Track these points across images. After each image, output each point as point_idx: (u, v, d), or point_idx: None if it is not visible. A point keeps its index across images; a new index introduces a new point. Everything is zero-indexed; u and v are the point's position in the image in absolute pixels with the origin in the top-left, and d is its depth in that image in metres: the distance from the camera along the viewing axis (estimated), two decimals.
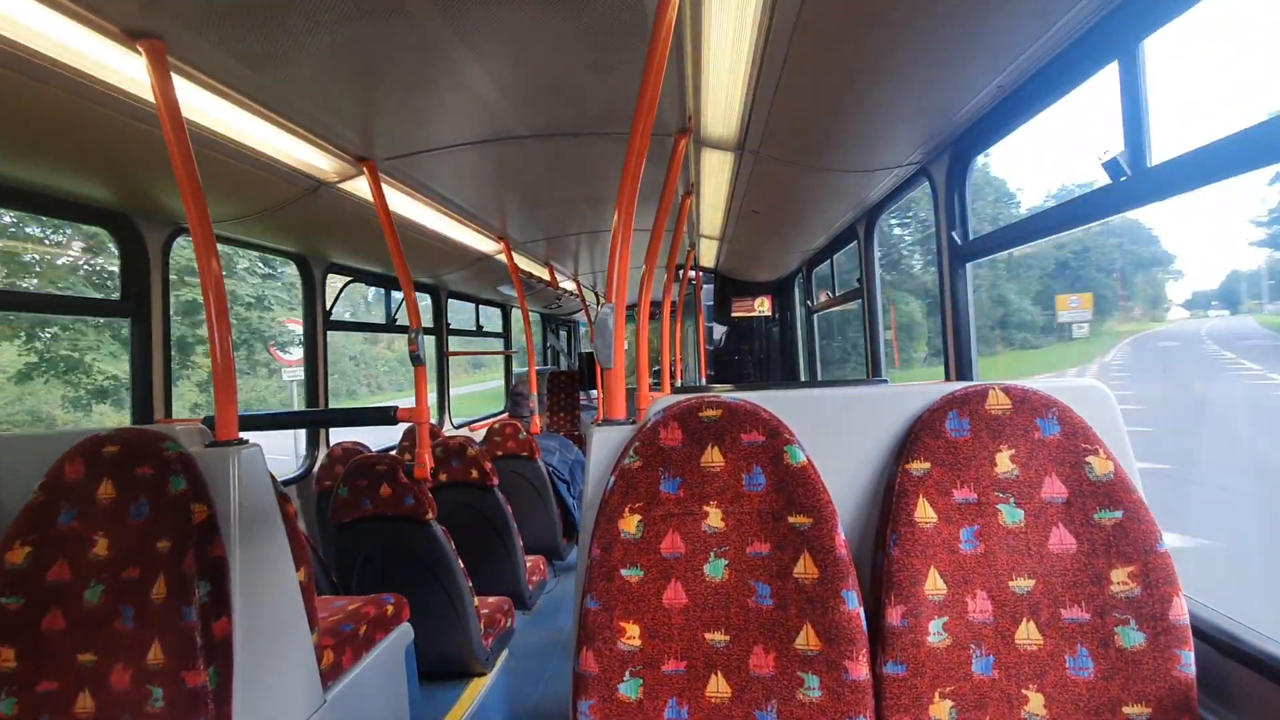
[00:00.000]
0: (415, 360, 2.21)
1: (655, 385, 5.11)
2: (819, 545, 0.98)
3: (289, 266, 3.04)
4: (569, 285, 5.33)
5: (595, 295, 6.30)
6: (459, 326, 4.78)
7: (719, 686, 0.98)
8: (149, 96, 1.35)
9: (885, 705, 0.95)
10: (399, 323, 3.63)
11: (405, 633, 2.04)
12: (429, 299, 4.34)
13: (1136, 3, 1.13)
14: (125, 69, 1.31)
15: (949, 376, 1.98)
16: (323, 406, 3.21)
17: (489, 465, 2.98)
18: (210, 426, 1.39)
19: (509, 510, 3.01)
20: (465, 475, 2.97)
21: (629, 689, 0.98)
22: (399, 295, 3.76)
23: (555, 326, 7.46)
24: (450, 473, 2.97)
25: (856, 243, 2.98)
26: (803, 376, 4.84)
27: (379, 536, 2.24)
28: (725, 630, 0.99)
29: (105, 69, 1.30)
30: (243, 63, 1.36)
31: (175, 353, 2.25)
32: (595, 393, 6.22)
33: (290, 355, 11.24)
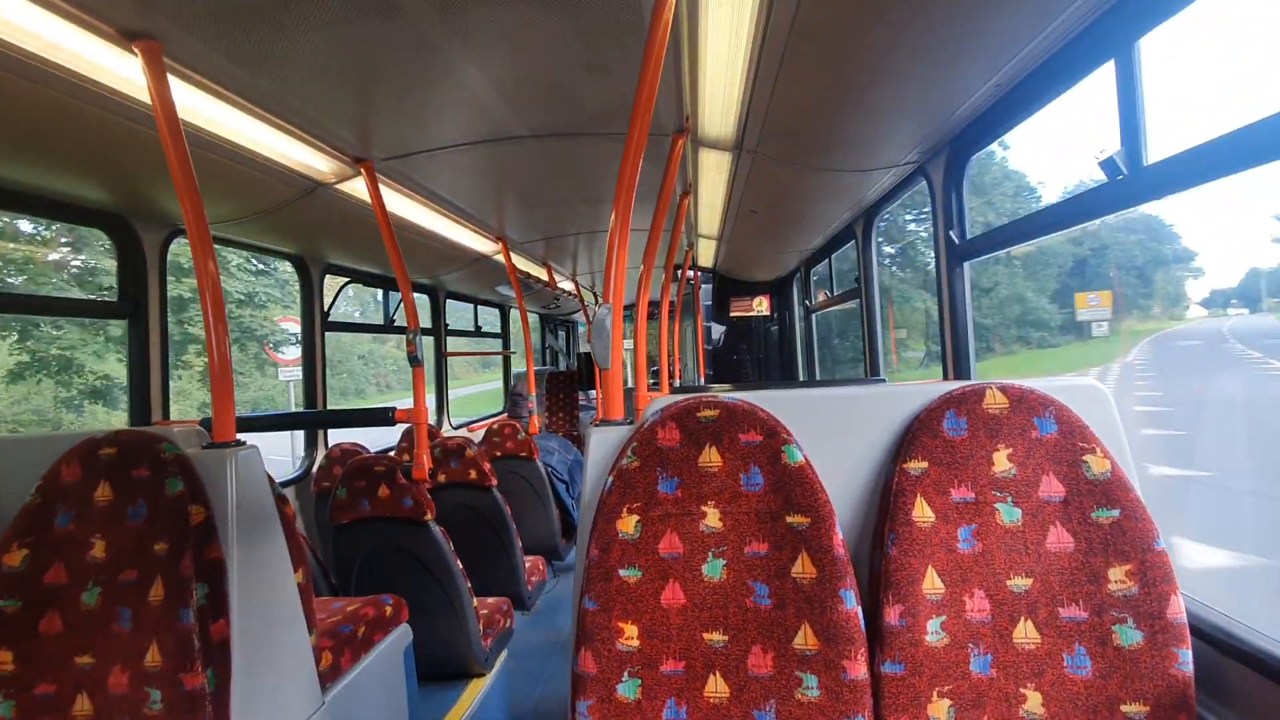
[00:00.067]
0: (413, 361, 2.21)
1: (654, 385, 5.11)
2: (817, 545, 0.98)
3: (283, 262, 3.03)
4: (567, 285, 5.33)
5: (594, 295, 6.30)
6: (457, 327, 4.77)
7: (717, 686, 0.98)
8: (145, 97, 1.34)
9: (884, 705, 0.95)
10: (397, 323, 3.63)
11: (404, 634, 2.03)
12: (428, 300, 4.34)
13: (1132, 2, 1.14)
14: (121, 70, 1.31)
15: (947, 375, 1.98)
16: (321, 407, 3.21)
17: (488, 466, 2.98)
18: (208, 428, 1.39)
19: (508, 511, 3.01)
20: (464, 476, 2.97)
21: (627, 689, 0.98)
22: (398, 296, 3.76)
23: (554, 327, 7.46)
24: (449, 473, 2.97)
25: (854, 242, 2.99)
26: (801, 376, 4.84)
27: (378, 537, 2.24)
28: (723, 630, 0.99)
29: (101, 70, 1.30)
30: (239, 64, 1.36)
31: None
32: (594, 393, 6.21)
33: (286, 354, 10.96)
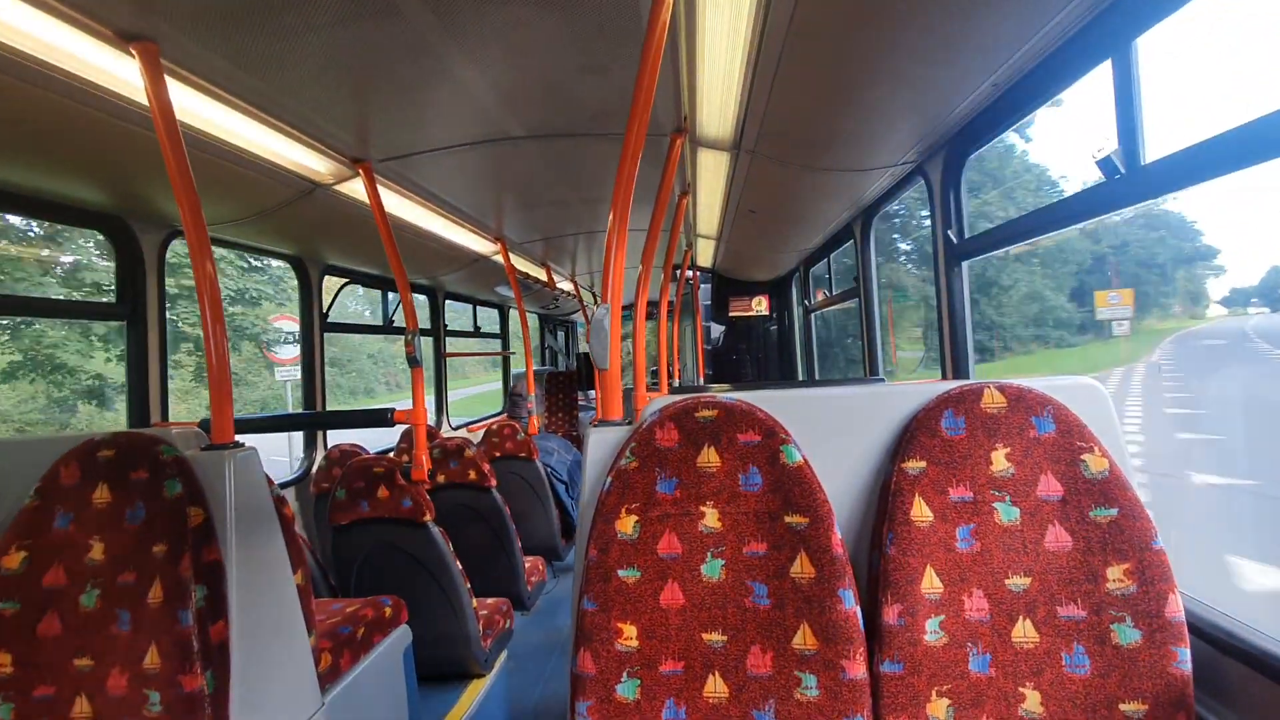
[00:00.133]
0: (412, 362, 2.21)
1: (653, 385, 5.11)
2: (816, 545, 0.98)
3: (277, 259, 3.02)
4: (566, 286, 5.33)
5: (593, 295, 6.30)
6: (456, 328, 4.77)
7: (717, 687, 0.98)
8: (142, 99, 1.34)
9: (883, 704, 0.95)
10: (396, 324, 3.62)
11: (404, 635, 2.03)
12: (427, 301, 4.34)
13: (1129, 2, 1.14)
14: (118, 72, 1.31)
15: (945, 375, 1.98)
16: (320, 408, 3.21)
17: (487, 466, 2.98)
18: (206, 429, 1.39)
19: (507, 511, 3.01)
20: (463, 476, 2.97)
21: (627, 690, 0.98)
22: (397, 296, 3.76)
23: (553, 327, 7.46)
24: (448, 474, 2.97)
25: (853, 242, 2.99)
26: (801, 376, 4.84)
27: (377, 538, 2.24)
28: (723, 630, 0.99)
29: (98, 72, 1.30)
30: (236, 65, 1.36)
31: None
32: (593, 393, 6.21)
33: (281, 354, 10.48)
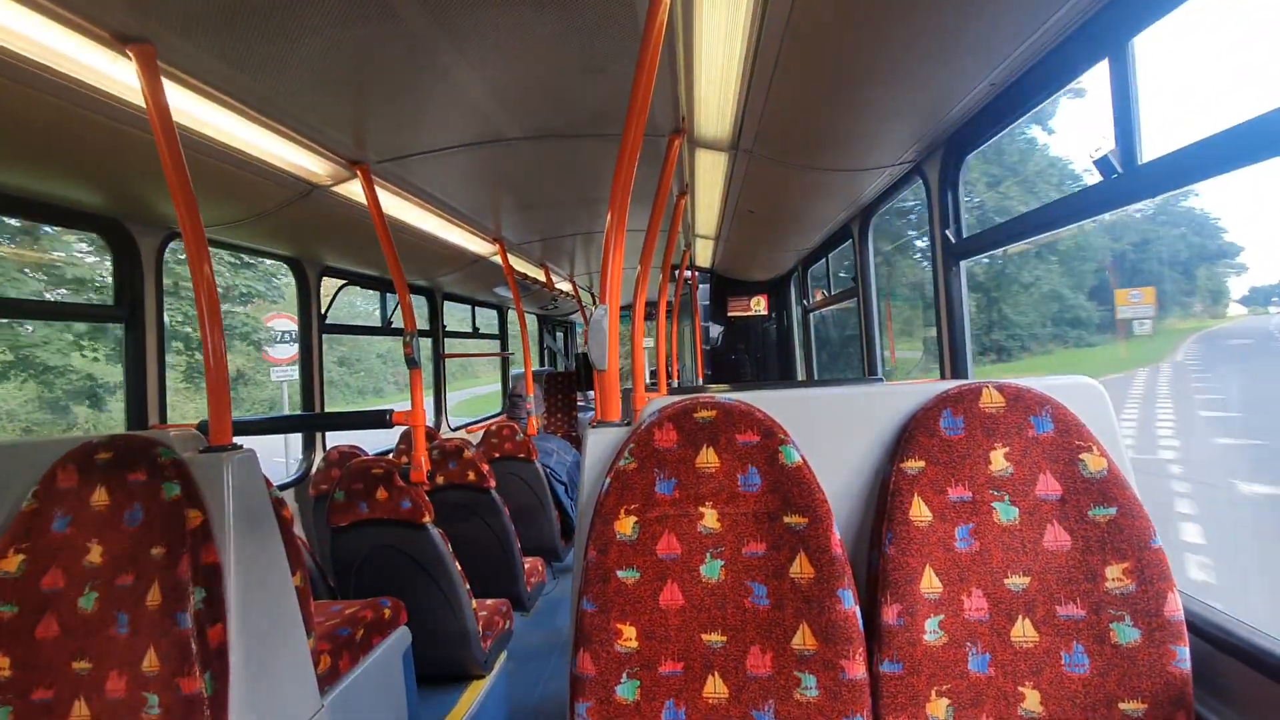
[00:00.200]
0: (410, 363, 2.21)
1: (652, 386, 5.11)
2: (815, 545, 0.98)
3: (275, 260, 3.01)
4: (565, 286, 5.33)
5: (591, 296, 6.29)
6: (455, 329, 4.77)
7: (716, 687, 0.98)
8: (140, 101, 1.34)
9: (882, 704, 0.95)
10: (395, 325, 3.62)
11: (403, 636, 2.03)
12: (425, 302, 4.34)
13: (1125, 2, 1.14)
14: (115, 74, 1.31)
15: (944, 375, 1.98)
16: (319, 410, 3.20)
17: (486, 467, 2.97)
18: (204, 431, 1.39)
19: (506, 512, 3.01)
20: (462, 477, 2.96)
21: (626, 691, 0.98)
22: (396, 297, 3.75)
23: (552, 328, 7.46)
24: (447, 475, 2.96)
25: (851, 241, 2.99)
26: (800, 375, 4.85)
27: (376, 540, 2.24)
28: (722, 631, 0.99)
29: (95, 74, 1.29)
30: (233, 67, 1.36)
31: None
32: (592, 394, 6.21)
33: (277, 353, 10.19)
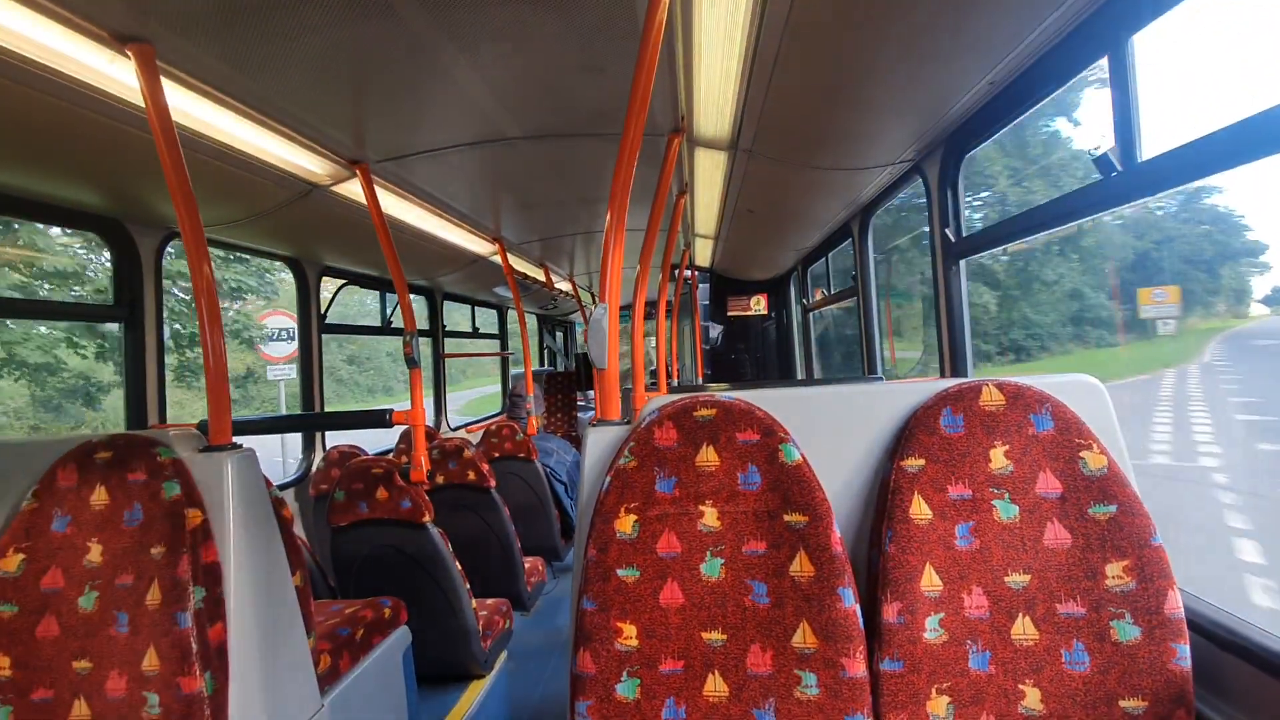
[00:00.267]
0: (410, 363, 2.21)
1: (652, 385, 5.11)
2: (815, 543, 0.98)
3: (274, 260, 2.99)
4: (564, 286, 5.33)
5: (591, 296, 6.29)
6: (455, 329, 4.77)
7: (717, 686, 0.98)
8: (139, 101, 1.34)
9: (883, 702, 0.95)
10: (395, 325, 3.62)
11: (403, 636, 2.03)
12: (425, 301, 4.34)
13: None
14: (114, 74, 1.31)
15: (944, 373, 1.98)
16: (319, 410, 3.20)
17: (486, 467, 2.97)
18: (204, 431, 1.39)
19: (506, 512, 3.01)
20: (462, 477, 2.96)
21: (626, 689, 0.98)
22: (396, 297, 3.75)
23: (551, 328, 7.46)
24: (447, 475, 2.96)
25: (851, 241, 2.99)
26: (799, 375, 4.85)
27: (376, 539, 2.24)
28: (722, 629, 0.99)
29: (94, 74, 1.29)
30: (232, 66, 1.35)
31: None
32: (592, 393, 6.21)
33: (273, 351, 9.48)
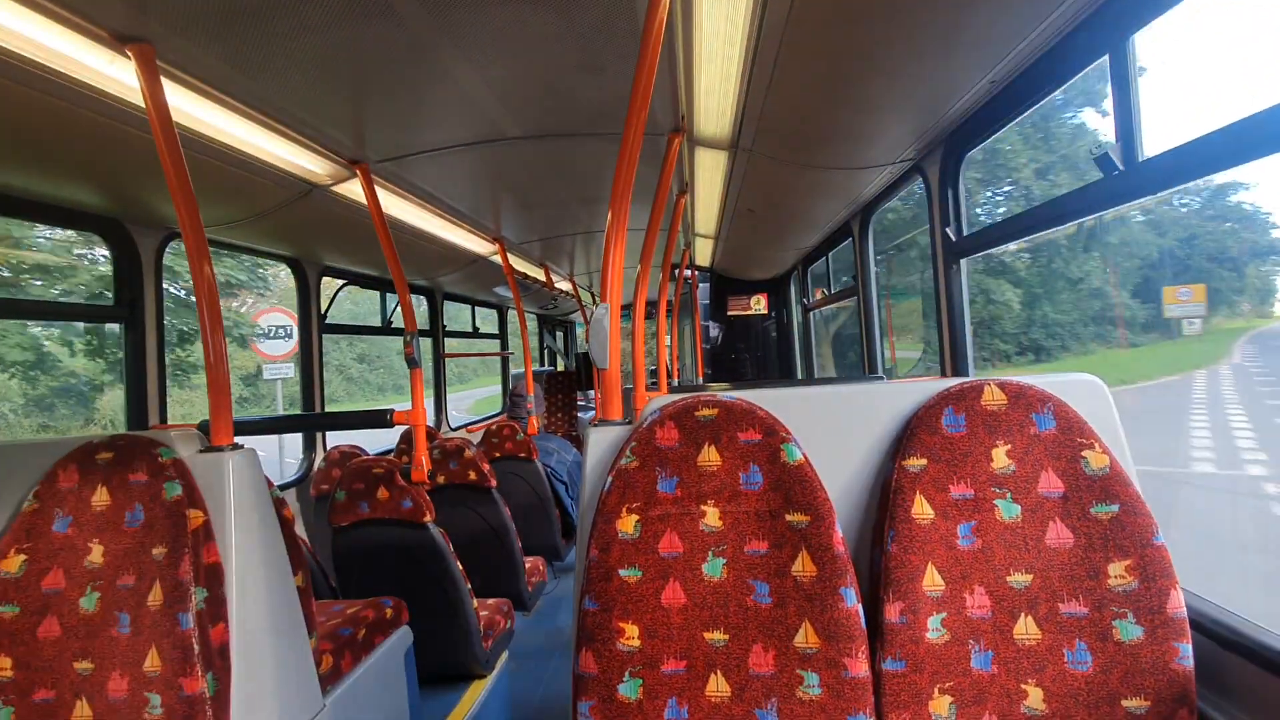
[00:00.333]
0: (410, 363, 2.21)
1: (653, 385, 5.11)
2: (817, 543, 0.98)
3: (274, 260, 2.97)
4: (565, 286, 5.33)
5: (591, 295, 6.29)
6: (455, 329, 4.77)
7: (719, 686, 0.98)
8: (139, 101, 1.34)
9: (885, 702, 0.95)
10: (396, 325, 3.62)
11: (404, 636, 2.03)
12: (425, 301, 4.34)
13: None
14: (115, 74, 1.30)
15: (945, 372, 1.98)
16: (319, 409, 3.20)
17: (486, 467, 2.97)
18: (205, 431, 1.39)
19: (507, 511, 3.01)
20: (463, 477, 2.96)
21: (629, 689, 0.98)
22: (396, 297, 3.75)
23: (552, 327, 7.45)
24: (448, 475, 2.96)
25: (851, 240, 2.99)
26: (800, 374, 4.85)
27: (377, 540, 2.24)
28: (724, 629, 0.99)
29: (94, 74, 1.29)
30: (232, 66, 1.35)
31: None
32: (593, 393, 6.21)
33: (269, 349, 9.61)
